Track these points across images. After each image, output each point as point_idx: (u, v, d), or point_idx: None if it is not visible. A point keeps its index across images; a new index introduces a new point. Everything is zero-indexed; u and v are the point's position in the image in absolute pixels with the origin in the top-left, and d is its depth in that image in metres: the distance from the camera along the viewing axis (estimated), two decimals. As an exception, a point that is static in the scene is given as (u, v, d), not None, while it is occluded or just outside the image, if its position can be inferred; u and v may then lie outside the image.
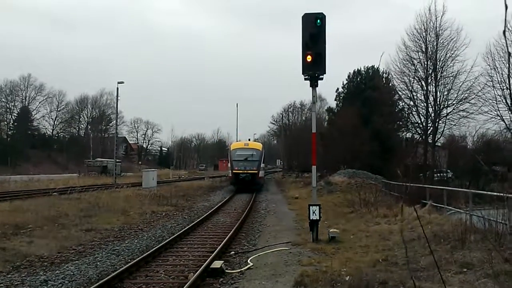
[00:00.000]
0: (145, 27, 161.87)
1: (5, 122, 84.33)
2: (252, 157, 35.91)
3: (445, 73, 35.50)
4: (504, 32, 2.31)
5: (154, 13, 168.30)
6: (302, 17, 12.48)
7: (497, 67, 31.23)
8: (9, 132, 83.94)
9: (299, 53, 12.46)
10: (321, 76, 12.67)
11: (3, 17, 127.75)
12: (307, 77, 12.69)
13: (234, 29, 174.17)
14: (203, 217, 18.23)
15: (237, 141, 57.66)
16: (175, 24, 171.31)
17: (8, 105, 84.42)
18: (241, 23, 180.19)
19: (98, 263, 10.28)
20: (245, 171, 34.68)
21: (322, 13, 12.44)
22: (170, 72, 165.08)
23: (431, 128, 36.38)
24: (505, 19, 2.20)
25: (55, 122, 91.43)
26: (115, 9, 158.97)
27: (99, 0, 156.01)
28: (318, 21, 12.35)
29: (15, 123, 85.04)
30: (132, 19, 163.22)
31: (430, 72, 35.89)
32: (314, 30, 12.33)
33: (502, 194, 10.90)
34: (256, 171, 34.96)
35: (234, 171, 35.02)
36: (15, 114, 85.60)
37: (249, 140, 51.41)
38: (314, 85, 12.79)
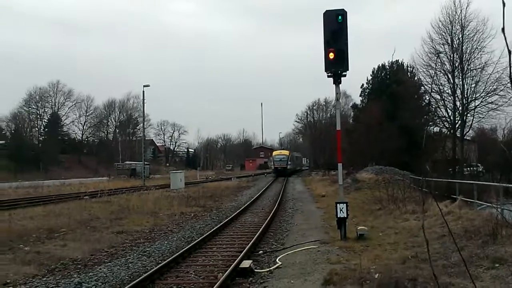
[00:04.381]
0: (166, 31, 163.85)
1: (36, 128, 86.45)
2: (283, 158, 65.06)
3: (472, 65, 34.90)
4: (503, 29, 2.29)
5: (173, 16, 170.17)
6: (323, 14, 12.41)
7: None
8: (40, 138, 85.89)
9: (323, 50, 12.45)
10: (344, 73, 12.59)
11: (25, 28, 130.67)
12: (330, 74, 12.64)
13: (257, 30, 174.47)
14: (231, 217, 18.32)
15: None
16: (195, 27, 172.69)
17: (38, 112, 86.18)
18: (264, 23, 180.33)
19: (129, 265, 10.47)
20: (280, 166, 63.83)
21: (343, 10, 12.37)
22: (194, 75, 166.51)
23: (459, 121, 35.72)
24: (503, 16, 2.19)
25: (84, 126, 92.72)
26: (134, 13, 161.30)
27: (120, 5, 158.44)
28: (339, 17, 12.28)
29: (46, 129, 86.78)
30: (152, 23, 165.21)
31: (456, 64, 35.26)
32: (335, 27, 12.28)
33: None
34: (286, 166, 63.94)
35: (274, 166, 66.11)
36: (45, 120, 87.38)
37: (282, 149, 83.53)
38: (337, 82, 12.74)
